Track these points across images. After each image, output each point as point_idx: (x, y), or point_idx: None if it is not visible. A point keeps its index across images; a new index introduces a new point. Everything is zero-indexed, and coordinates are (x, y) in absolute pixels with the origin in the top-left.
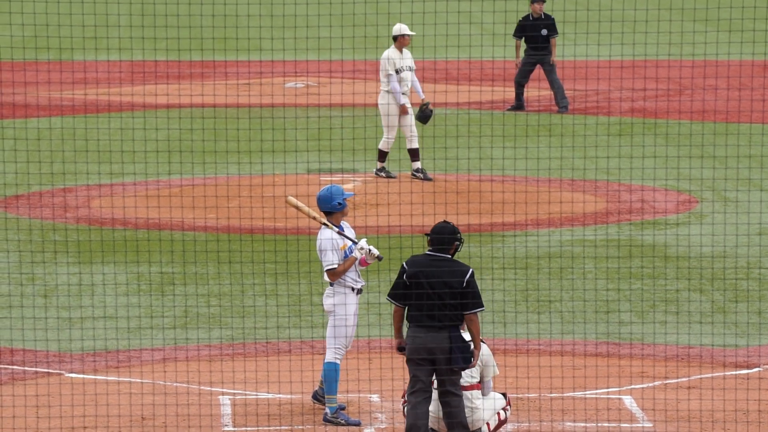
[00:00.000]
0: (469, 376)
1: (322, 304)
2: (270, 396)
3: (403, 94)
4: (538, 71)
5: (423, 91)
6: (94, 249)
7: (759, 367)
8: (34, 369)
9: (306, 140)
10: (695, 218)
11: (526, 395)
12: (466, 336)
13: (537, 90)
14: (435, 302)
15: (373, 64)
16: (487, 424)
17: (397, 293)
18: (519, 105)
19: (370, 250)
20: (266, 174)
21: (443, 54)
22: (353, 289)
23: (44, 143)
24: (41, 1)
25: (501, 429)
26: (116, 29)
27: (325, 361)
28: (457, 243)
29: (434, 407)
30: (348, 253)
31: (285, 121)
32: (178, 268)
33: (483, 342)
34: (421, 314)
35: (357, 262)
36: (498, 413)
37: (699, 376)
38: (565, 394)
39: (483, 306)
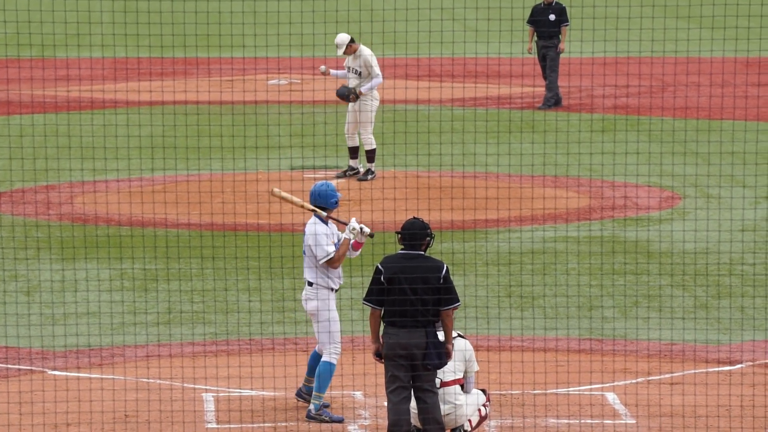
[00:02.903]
0: (451, 372)
1: (304, 306)
2: (253, 393)
3: None
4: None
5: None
6: (76, 246)
7: (741, 363)
8: (16, 366)
9: (289, 137)
10: (678, 215)
11: (509, 392)
12: (440, 335)
13: (521, 87)
14: (414, 300)
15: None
16: (469, 420)
17: (374, 294)
18: (556, 100)
19: (361, 229)
20: (249, 171)
21: (426, 51)
22: (333, 289)
23: (27, 140)
24: None
25: (482, 425)
26: (99, 26)
27: (323, 360)
28: (429, 238)
29: (415, 403)
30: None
31: (268, 118)
32: (161, 264)
33: (465, 338)
34: (401, 312)
35: (351, 245)
36: (479, 409)
37: (682, 372)
38: (548, 391)
39: (459, 301)
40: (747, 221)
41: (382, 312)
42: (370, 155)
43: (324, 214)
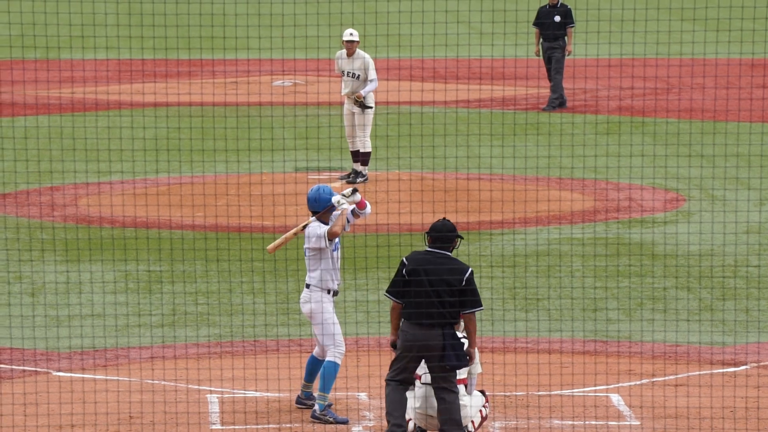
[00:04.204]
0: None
1: (301, 309)
2: (258, 394)
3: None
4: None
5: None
6: (81, 247)
7: (746, 364)
8: (21, 367)
9: (294, 139)
10: (683, 216)
11: (514, 393)
12: (459, 334)
13: (525, 88)
14: (432, 299)
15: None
16: (472, 421)
17: (396, 289)
18: (561, 102)
19: (349, 194)
20: (254, 173)
21: (431, 53)
22: (329, 290)
23: (32, 142)
24: (28, 0)
25: (483, 425)
26: (103, 28)
27: (328, 359)
28: (458, 239)
29: (421, 404)
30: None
31: (273, 120)
32: (165, 266)
33: None
34: (417, 311)
35: (352, 210)
36: (480, 410)
37: (686, 374)
38: (552, 392)
39: (482, 306)
40: (752, 223)
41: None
42: (365, 158)
43: (312, 218)
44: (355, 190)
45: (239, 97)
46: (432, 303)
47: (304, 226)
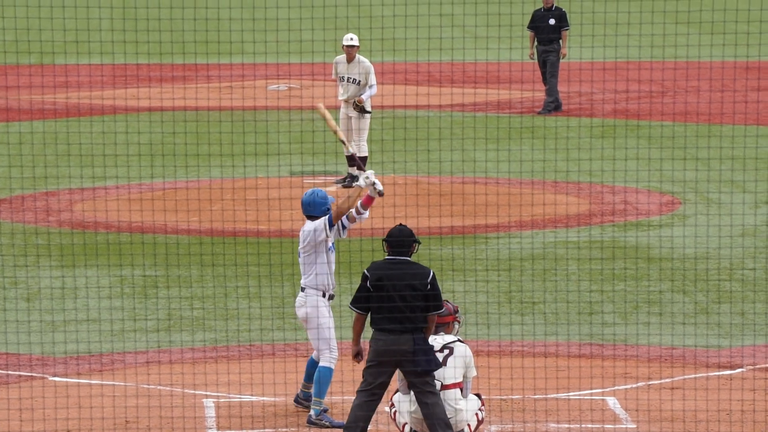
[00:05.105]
0: (452, 377)
1: (296, 313)
2: (253, 398)
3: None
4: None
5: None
6: (77, 252)
7: (742, 367)
8: (17, 372)
9: (289, 143)
10: (678, 219)
11: (510, 396)
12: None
13: (520, 91)
14: (399, 305)
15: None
16: (468, 425)
17: (361, 300)
18: (556, 105)
19: (374, 184)
20: (249, 177)
21: (425, 56)
22: (324, 294)
23: (26, 147)
24: (22, 6)
25: (479, 428)
26: (98, 33)
27: (321, 365)
28: (415, 244)
29: (417, 408)
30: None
31: (268, 124)
32: (161, 271)
33: (465, 343)
34: (385, 318)
35: (361, 201)
36: (476, 413)
37: (682, 377)
38: (548, 396)
39: (443, 307)
40: (747, 226)
41: (369, 318)
42: (362, 162)
43: (352, 150)
44: (381, 193)
45: (234, 101)
46: (400, 309)
47: (340, 140)
